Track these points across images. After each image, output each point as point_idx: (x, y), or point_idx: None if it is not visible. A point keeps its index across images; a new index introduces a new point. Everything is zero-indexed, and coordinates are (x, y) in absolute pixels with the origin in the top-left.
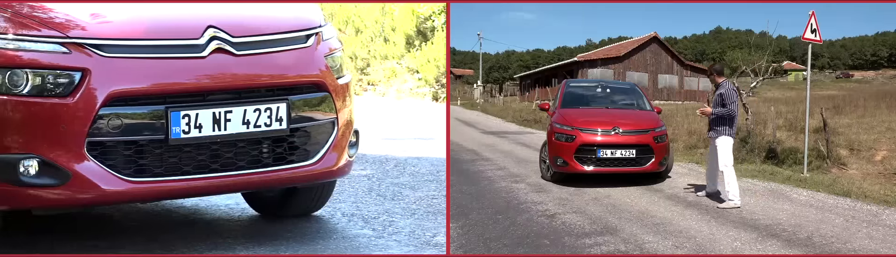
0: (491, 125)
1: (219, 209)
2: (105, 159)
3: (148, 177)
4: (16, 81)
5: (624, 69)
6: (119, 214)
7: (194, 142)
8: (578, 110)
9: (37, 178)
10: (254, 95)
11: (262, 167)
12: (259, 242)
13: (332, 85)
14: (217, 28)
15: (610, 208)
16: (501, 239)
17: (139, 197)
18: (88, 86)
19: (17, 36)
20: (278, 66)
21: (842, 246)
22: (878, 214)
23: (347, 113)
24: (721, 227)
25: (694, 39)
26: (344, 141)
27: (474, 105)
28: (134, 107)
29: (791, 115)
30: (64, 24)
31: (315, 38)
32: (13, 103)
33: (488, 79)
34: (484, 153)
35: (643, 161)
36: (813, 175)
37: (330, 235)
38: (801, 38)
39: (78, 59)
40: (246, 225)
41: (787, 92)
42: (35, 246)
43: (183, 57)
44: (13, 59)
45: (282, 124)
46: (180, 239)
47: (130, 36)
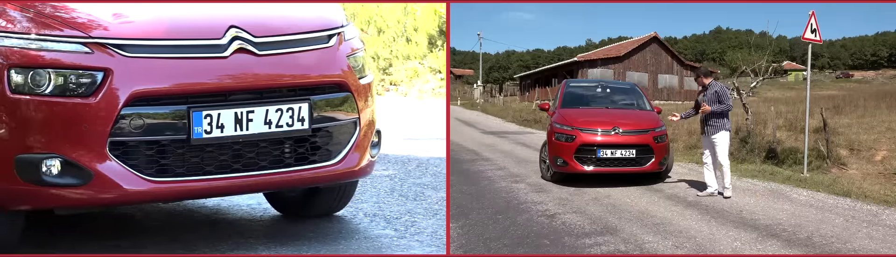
0: (491, 125)
1: (241, 209)
2: (127, 159)
3: (170, 176)
4: (38, 81)
5: (624, 69)
6: (141, 214)
7: (216, 142)
8: (578, 110)
9: (59, 178)
10: (276, 95)
11: (284, 167)
12: (281, 242)
13: (354, 85)
14: (239, 28)
15: (610, 208)
16: (501, 239)
17: (161, 197)
18: (111, 86)
19: (40, 36)
20: (300, 66)
21: (842, 246)
22: (878, 214)
23: (370, 113)
24: (721, 227)
25: (694, 39)
26: (366, 141)
27: (474, 105)
28: (156, 107)
29: (791, 115)
30: (86, 24)
31: (337, 38)
32: (36, 103)
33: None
34: (484, 153)
35: (643, 161)
36: (813, 175)
37: (352, 235)
38: (801, 38)
39: (100, 58)
40: (268, 226)
41: (787, 92)
42: (57, 246)
43: (205, 57)
44: (36, 59)
45: (304, 124)
46: (202, 239)
47: (152, 36)
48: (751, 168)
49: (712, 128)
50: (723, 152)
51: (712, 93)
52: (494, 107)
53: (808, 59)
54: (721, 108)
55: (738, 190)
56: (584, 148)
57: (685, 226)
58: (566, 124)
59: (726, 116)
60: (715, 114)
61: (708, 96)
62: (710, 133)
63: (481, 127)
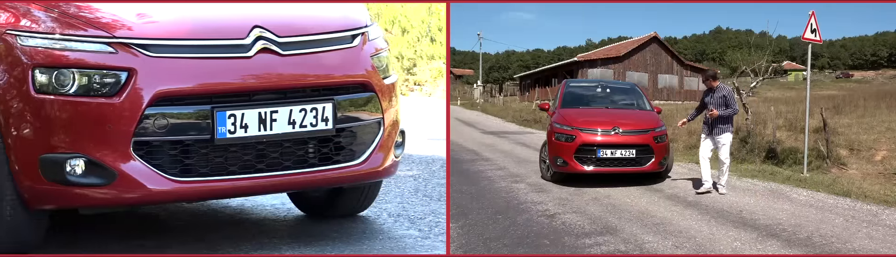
0: (491, 125)
1: (265, 209)
2: (151, 159)
3: (194, 176)
4: (62, 81)
5: (624, 69)
6: (165, 214)
7: (240, 142)
8: (578, 110)
9: (83, 178)
10: (300, 95)
11: (307, 167)
12: (305, 242)
13: (378, 85)
14: (263, 28)
15: (610, 208)
16: (501, 239)
17: (185, 197)
18: (134, 86)
19: (64, 36)
20: (324, 66)
21: (842, 246)
22: (878, 214)
23: (393, 113)
24: (721, 227)
25: (694, 39)
26: (390, 141)
27: (474, 105)
28: (180, 107)
29: (791, 115)
30: (110, 24)
31: (361, 38)
32: (60, 103)
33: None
34: (484, 153)
35: (643, 161)
36: (813, 175)
37: (376, 236)
38: (801, 38)
39: (124, 58)
40: (292, 226)
41: (787, 92)
42: (82, 246)
43: (229, 57)
44: (60, 59)
45: (328, 124)
46: (226, 239)
47: (176, 36)
48: (751, 168)
49: (719, 129)
50: (726, 151)
51: (720, 96)
52: (494, 107)
53: (808, 59)
54: (728, 113)
55: (738, 190)
56: (584, 148)
57: (685, 226)
58: (566, 124)
59: (731, 119)
60: (721, 117)
61: (715, 99)
62: (716, 133)
63: (481, 127)
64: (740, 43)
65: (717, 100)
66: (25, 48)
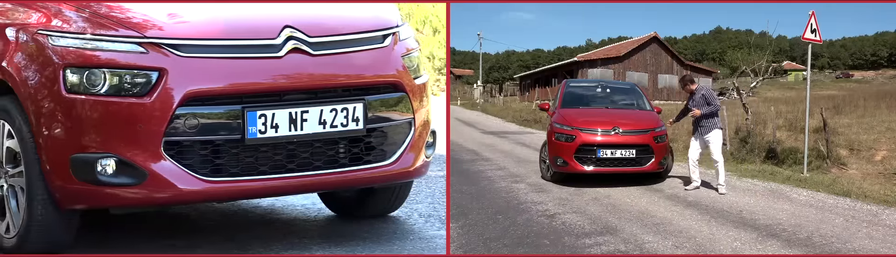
0: (491, 125)
1: (295, 209)
2: (182, 159)
3: (224, 176)
4: (94, 81)
5: (624, 69)
6: (196, 214)
7: (271, 142)
8: (578, 110)
9: (114, 177)
10: (330, 95)
11: (338, 167)
12: (335, 242)
13: (409, 85)
14: (294, 28)
15: (610, 208)
16: (501, 239)
17: (215, 197)
18: (165, 86)
19: (95, 36)
20: (355, 66)
21: (842, 246)
22: (878, 214)
23: (424, 113)
24: (721, 227)
25: (694, 39)
26: (421, 141)
27: (474, 105)
28: (210, 107)
29: (791, 115)
30: (141, 24)
31: (392, 38)
32: (91, 103)
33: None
34: (484, 153)
35: (643, 161)
36: (813, 175)
37: (407, 236)
38: (801, 38)
39: (155, 58)
40: (322, 226)
41: (787, 92)
42: (112, 245)
43: (259, 57)
44: (91, 59)
45: (358, 124)
46: (256, 239)
47: (207, 36)
48: (751, 168)
49: (705, 128)
50: (717, 150)
51: (700, 96)
52: (494, 107)
53: (808, 58)
54: (710, 110)
55: (738, 190)
56: (584, 148)
57: (685, 226)
58: (566, 124)
59: (716, 115)
60: (705, 115)
61: (696, 100)
62: (703, 132)
63: (481, 127)
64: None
65: (697, 101)
66: (57, 48)
